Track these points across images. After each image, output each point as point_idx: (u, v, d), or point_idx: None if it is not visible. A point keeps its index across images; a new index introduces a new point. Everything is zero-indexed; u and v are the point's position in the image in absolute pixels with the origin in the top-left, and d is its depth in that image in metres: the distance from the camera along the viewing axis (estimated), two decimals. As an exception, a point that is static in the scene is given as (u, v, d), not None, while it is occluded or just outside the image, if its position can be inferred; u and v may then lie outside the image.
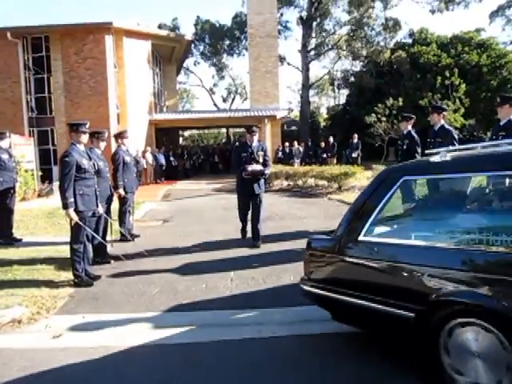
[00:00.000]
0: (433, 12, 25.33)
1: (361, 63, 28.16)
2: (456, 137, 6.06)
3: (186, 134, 38.23)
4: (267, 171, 6.67)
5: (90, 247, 5.36)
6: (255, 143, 6.53)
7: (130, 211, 7.31)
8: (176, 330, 3.96)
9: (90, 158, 5.18)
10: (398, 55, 23.76)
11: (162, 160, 20.49)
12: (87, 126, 5.10)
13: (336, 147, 20.63)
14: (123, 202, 7.10)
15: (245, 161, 6.38)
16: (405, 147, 7.12)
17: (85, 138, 5.10)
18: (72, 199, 4.91)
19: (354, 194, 11.34)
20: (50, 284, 5.16)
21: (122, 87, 18.52)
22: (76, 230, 5.08)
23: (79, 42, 17.34)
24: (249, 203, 6.58)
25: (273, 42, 22.70)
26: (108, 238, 6.42)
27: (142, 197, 13.64)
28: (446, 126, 6.15)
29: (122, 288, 5.03)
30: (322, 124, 33.80)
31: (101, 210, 5.64)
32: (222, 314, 4.25)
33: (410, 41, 26.30)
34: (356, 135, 19.64)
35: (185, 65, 34.48)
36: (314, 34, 28.12)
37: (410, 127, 7.25)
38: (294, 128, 32.65)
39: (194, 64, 35.39)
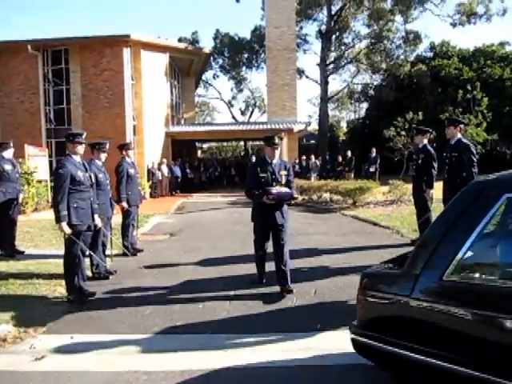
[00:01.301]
0: (454, 25, 24.87)
1: (380, 76, 27.80)
2: (474, 151, 5.69)
3: (205, 146, 38.33)
4: (297, 195, 5.42)
5: (84, 263, 5.14)
6: (276, 159, 4.98)
7: (133, 225, 7.11)
8: (166, 355, 3.70)
9: (87, 170, 4.99)
10: (419, 68, 23.34)
11: (178, 172, 20.44)
12: (83, 136, 4.94)
13: (354, 161, 20.23)
14: (126, 215, 6.90)
15: (264, 182, 4.85)
16: (420, 162, 6.78)
17: (81, 148, 4.92)
18: (65, 212, 4.72)
19: (369, 209, 10.98)
20: (43, 300, 4.98)
21: (139, 99, 18.59)
22: (70, 244, 4.88)
23: (97, 54, 17.53)
24: (268, 236, 5.08)
25: (291, 55, 22.58)
26: (108, 252, 6.24)
27: (155, 209, 13.58)
28: (464, 140, 5.79)
29: (116, 306, 4.79)
30: (341, 138, 33.41)
31: (99, 223, 5.44)
32: (216, 339, 3.96)
33: (430, 54, 25.88)
34: (374, 149, 19.22)
35: (204, 78, 34.78)
36: (333, 48, 27.95)
37: (425, 141, 6.92)
38: (312, 142, 32.37)
39: (213, 77, 35.65)
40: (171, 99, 22.73)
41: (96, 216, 5.32)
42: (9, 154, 7.00)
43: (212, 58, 31.96)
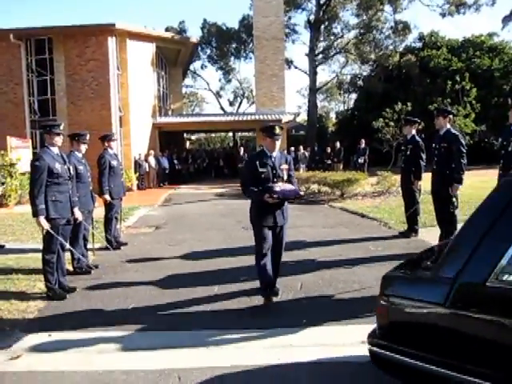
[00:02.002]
0: (443, 15, 24.80)
1: (369, 67, 27.68)
2: (463, 142, 5.61)
3: (194, 137, 38.01)
4: (302, 192, 4.84)
5: (64, 257, 4.99)
6: (276, 152, 4.43)
7: (116, 218, 6.95)
8: (146, 353, 3.59)
9: (65, 162, 4.81)
10: (408, 59, 23.24)
11: (166, 164, 20.21)
12: (61, 127, 4.75)
13: (342, 152, 20.18)
14: (109, 208, 6.73)
15: (264, 179, 4.30)
16: (408, 153, 6.71)
17: (59, 140, 4.73)
18: (43, 206, 4.55)
19: (358, 201, 10.92)
20: (21, 296, 4.82)
21: (125, 90, 18.24)
22: (48, 239, 4.72)
23: (82, 43, 17.12)
24: (270, 238, 4.46)
25: (279, 45, 22.33)
26: (89, 246, 6.08)
27: (141, 201, 13.40)
28: (453, 131, 5.71)
29: (97, 302, 4.66)
30: (330, 129, 33.32)
31: (79, 216, 5.28)
32: (199, 336, 3.85)
33: (419, 45, 25.78)
34: (363, 140, 19.18)
35: (192, 68, 34.35)
36: (321, 38, 27.72)
37: (414, 131, 6.84)
38: (301, 133, 32.24)
39: (201, 67, 35.21)
40: (158, 90, 22.39)
41: (76, 209, 5.16)
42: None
43: (200, 48, 31.53)
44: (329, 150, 20.71)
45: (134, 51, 18.60)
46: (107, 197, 6.60)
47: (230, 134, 35.00)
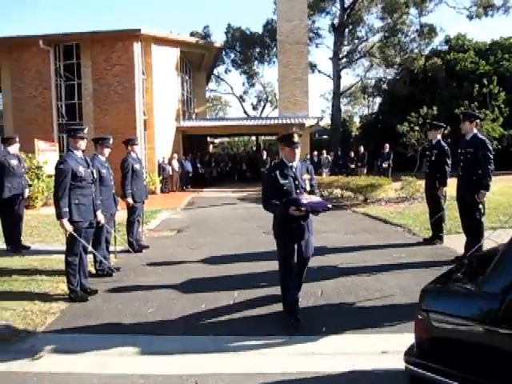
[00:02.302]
0: (470, 18, 24.28)
1: (394, 71, 27.30)
2: (491, 148, 5.44)
3: (217, 141, 38.22)
4: (330, 205, 4.19)
5: (86, 260, 5.05)
6: (297, 162, 4.12)
7: (138, 221, 7.01)
8: (165, 357, 3.60)
9: (89, 166, 4.88)
10: (433, 62, 22.81)
11: (189, 167, 20.35)
12: (85, 131, 4.82)
13: (366, 157, 19.91)
14: (132, 211, 6.80)
15: (286, 191, 3.97)
16: (433, 158, 6.55)
17: (83, 144, 4.81)
18: (66, 209, 4.63)
19: (381, 206, 10.74)
20: (44, 297, 4.90)
21: (149, 94, 18.48)
22: (71, 241, 4.79)
23: (108, 49, 17.43)
24: (295, 253, 4.13)
25: (302, 49, 22.27)
26: (111, 248, 6.15)
27: (165, 204, 13.53)
28: (480, 136, 5.53)
29: (117, 305, 4.70)
30: (354, 133, 32.99)
31: (102, 219, 5.36)
32: (218, 341, 3.83)
33: (446, 48, 25.28)
34: (387, 145, 18.87)
35: (216, 72, 34.60)
36: (345, 42, 27.51)
37: (439, 136, 6.69)
38: (324, 137, 32.02)
39: (225, 71, 35.39)
40: (182, 94, 22.61)
41: (99, 212, 5.25)
42: (14, 148, 6.94)
43: (224, 53, 31.76)
44: (352, 154, 20.47)
45: (158, 56, 18.84)
46: (130, 200, 6.67)
47: (254, 137, 35.08)
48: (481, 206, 5.46)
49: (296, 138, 4.05)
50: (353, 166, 19.85)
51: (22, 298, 4.83)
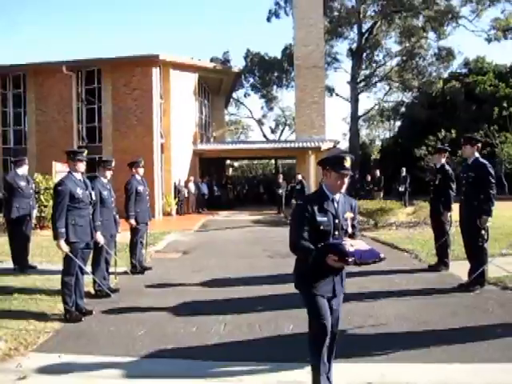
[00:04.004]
0: (489, 41, 24.09)
1: (412, 94, 27.21)
2: (492, 172, 5.32)
3: (236, 164, 38.54)
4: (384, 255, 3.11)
5: (82, 280, 5.11)
6: (339, 195, 3.13)
7: (142, 242, 7.08)
8: (150, 381, 3.57)
9: (87, 188, 4.99)
10: (452, 85, 22.69)
11: (205, 190, 20.54)
12: (84, 154, 4.95)
13: (383, 181, 19.73)
14: (135, 232, 6.88)
15: (323, 232, 3.05)
16: (437, 182, 6.45)
17: (81, 166, 4.93)
18: (63, 229, 4.72)
19: (391, 231, 10.57)
20: (40, 317, 4.95)
21: (167, 118, 18.90)
22: (67, 261, 4.86)
23: (128, 73, 17.95)
24: (327, 312, 3.21)
25: (319, 73, 22.52)
26: (112, 269, 6.20)
27: (178, 226, 13.66)
28: (481, 160, 5.43)
29: (110, 326, 4.71)
30: (373, 157, 32.81)
31: (102, 240, 5.44)
32: (204, 366, 3.79)
33: (465, 70, 25.14)
34: (404, 168, 18.73)
35: (235, 96, 35.15)
36: (363, 66, 27.65)
37: (443, 160, 6.61)
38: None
39: (245, 95, 36.00)
40: (200, 117, 23.02)
41: (98, 233, 5.35)
42: (23, 170, 7.17)
43: (243, 77, 32.32)
44: (369, 178, 20.34)
45: (176, 80, 19.31)
46: (133, 221, 6.76)
47: (273, 161, 35.24)
48: (483, 231, 5.31)
49: (348, 163, 3.07)
50: (369, 188, 19.72)
51: (18, 317, 4.88)
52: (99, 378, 3.66)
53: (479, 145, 5.55)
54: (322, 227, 3.04)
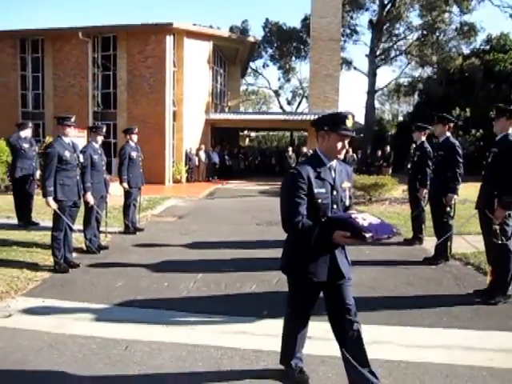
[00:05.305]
0: (514, 17, 23.30)
1: (431, 70, 26.64)
2: (460, 151, 5.50)
3: (253, 134, 38.64)
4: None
5: (71, 236, 5.59)
6: (336, 162, 2.71)
7: (134, 205, 7.53)
8: (114, 324, 4.03)
9: (75, 151, 5.40)
10: (471, 62, 22.14)
11: (216, 159, 20.85)
12: (72, 119, 5.34)
13: (392, 156, 19.72)
14: (127, 195, 7.34)
15: (321, 206, 2.61)
16: (415, 159, 6.64)
17: (70, 131, 5.34)
18: (51, 188, 5.17)
19: (383, 206, 10.81)
20: (32, 267, 5.49)
21: (180, 86, 19.12)
22: (56, 218, 5.34)
23: (142, 41, 18.15)
24: (314, 304, 2.88)
25: (335, 46, 22.23)
26: (102, 229, 6.68)
27: (185, 192, 14.13)
28: (451, 139, 5.61)
29: (92, 278, 5.21)
30: (390, 132, 32.45)
31: (91, 200, 5.91)
32: (165, 314, 4.23)
33: (487, 47, 24.41)
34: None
35: (254, 66, 34.99)
36: (383, 39, 27.11)
37: (423, 138, 6.78)
38: (361, 135, 31.70)
39: (263, 66, 35.76)
40: (215, 87, 23.14)
41: (88, 194, 5.82)
42: (26, 133, 7.64)
43: (262, 48, 32.07)
44: (379, 153, 20.34)
45: (190, 49, 19.41)
46: (125, 185, 7.20)
47: (288, 133, 35.26)
48: (449, 208, 5.55)
49: (351, 122, 2.61)
50: (378, 164, 19.77)
51: (13, 266, 5.42)
52: (73, 320, 4.14)
53: (451, 124, 5.71)
54: (319, 200, 2.59)
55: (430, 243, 6.70)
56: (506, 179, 4.21)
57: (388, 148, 19.90)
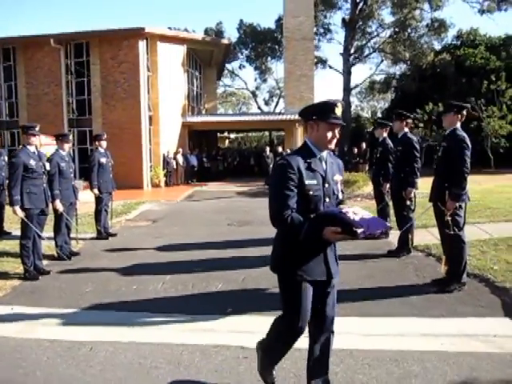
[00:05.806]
0: (481, 12, 23.83)
1: (404, 66, 27.15)
2: (417, 146, 5.72)
3: (233, 136, 38.75)
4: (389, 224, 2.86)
5: (40, 243, 5.64)
6: (326, 154, 2.59)
7: (106, 210, 7.58)
8: (81, 327, 4.11)
9: (40, 159, 5.45)
10: (442, 58, 22.62)
11: (194, 161, 20.89)
12: (37, 128, 5.38)
13: (368, 153, 20.03)
14: (98, 201, 7.39)
15: (313, 198, 2.46)
16: (378, 155, 6.86)
17: (34, 140, 5.39)
18: (18, 197, 5.21)
19: (354, 203, 11.01)
20: (2, 275, 5.53)
21: (155, 90, 19.15)
22: (24, 226, 5.39)
23: (115, 47, 18.14)
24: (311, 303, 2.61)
25: (309, 45, 22.49)
26: (73, 235, 6.73)
27: (163, 196, 14.16)
28: (409, 135, 5.83)
29: (61, 284, 5.28)
30: (366, 130, 32.93)
31: (60, 207, 5.96)
32: (131, 316, 4.32)
33: (457, 43, 24.97)
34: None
35: (230, 68, 35.11)
36: (356, 37, 27.50)
37: (385, 134, 6.99)
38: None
39: (239, 67, 35.93)
40: (191, 89, 23.19)
41: (57, 201, 5.87)
42: (-5, 143, 7.64)
43: (238, 49, 32.21)
44: (355, 150, 20.65)
45: (164, 53, 19.45)
46: (96, 191, 7.26)
47: (267, 133, 35.44)
48: (409, 202, 5.76)
49: (340, 110, 2.51)
50: (354, 161, 20.06)
51: (-18, 275, 5.47)
52: (40, 325, 4.21)
53: (409, 120, 5.93)
54: (310, 192, 2.45)
55: (395, 236, 6.93)
56: (455, 172, 4.42)
57: (364, 145, 20.22)
